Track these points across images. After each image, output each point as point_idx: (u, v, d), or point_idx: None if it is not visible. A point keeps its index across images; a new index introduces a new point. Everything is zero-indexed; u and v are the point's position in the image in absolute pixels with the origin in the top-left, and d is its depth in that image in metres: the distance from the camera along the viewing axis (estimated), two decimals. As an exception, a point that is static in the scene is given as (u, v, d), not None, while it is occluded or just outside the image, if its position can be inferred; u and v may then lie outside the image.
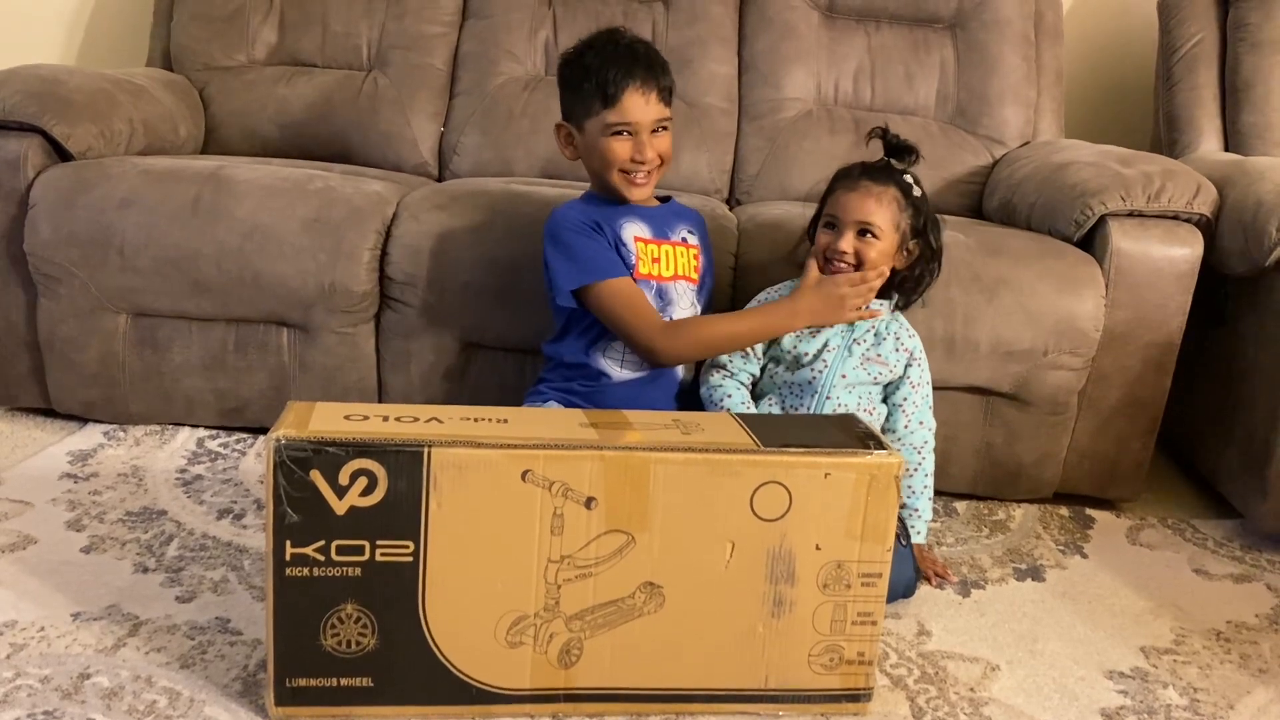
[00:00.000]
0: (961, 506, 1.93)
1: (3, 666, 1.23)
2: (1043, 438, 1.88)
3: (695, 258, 1.66)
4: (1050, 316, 1.79)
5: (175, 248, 1.83)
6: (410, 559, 1.14)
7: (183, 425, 1.98)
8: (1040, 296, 1.79)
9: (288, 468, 1.10)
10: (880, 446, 1.22)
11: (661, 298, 1.61)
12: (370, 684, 1.17)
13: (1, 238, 1.88)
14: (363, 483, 1.11)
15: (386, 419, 1.17)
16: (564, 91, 1.61)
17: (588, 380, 1.61)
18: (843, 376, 1.58)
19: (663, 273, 1.61)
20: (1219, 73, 2.36)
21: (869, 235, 1.56)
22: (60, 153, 1.92)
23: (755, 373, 1.63)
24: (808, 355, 1.59)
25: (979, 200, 2.35)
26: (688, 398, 1.68)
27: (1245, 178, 1.88)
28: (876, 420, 1.62)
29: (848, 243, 1.56)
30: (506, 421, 1.20)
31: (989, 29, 2.40)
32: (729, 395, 1.60)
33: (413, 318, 1.87)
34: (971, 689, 1.35)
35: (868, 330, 1.61)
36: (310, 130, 2.37)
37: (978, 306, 1.79)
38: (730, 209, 2.16)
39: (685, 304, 1.63)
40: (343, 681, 1.17)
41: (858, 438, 1.24)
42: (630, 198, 1.59)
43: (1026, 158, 2.24)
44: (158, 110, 2.19)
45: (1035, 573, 1.70)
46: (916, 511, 1.61)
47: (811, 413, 1.58)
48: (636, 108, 1.53)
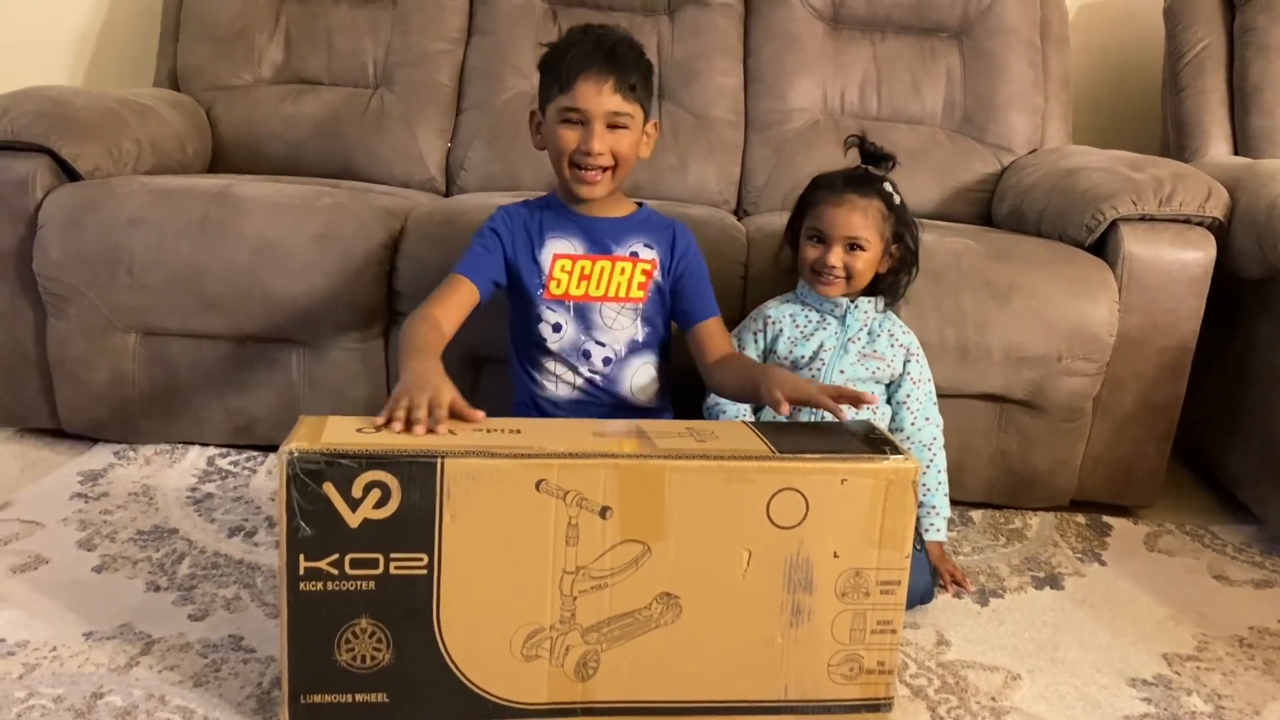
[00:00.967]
0: (977, 515, 1.92)
1: (16, 686, 1.22)
2: (1058, 445, 1.87)
3: (646, 273, 1.56)
4: (1063, 322, 1.78)
5: (184, 266, 1.83)
6: (424, 571, 1.13)
7: (193, 444, 1.97)
8: (1053, 302, 1.78)
9: (300, 480, 1.09)
10: (896, 451, 1.20)
11: (581, 320, 1.54)
12: (385, 699, 1.16)
13: (11, 259, 1.88)
14: (376, 495, 1.10)
15: (399, 431, 1.16)
16: (539, 77, 1.55)
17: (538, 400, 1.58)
18: (840, 373, 1.59)
19: (590, 291, 1.53)
20: (1227, 77, 2.36)
21: (857, 249, 1.58)
22: (69, 173, 1.92)
23: None
24: (804, 358, 1.61)
25: (988, 208, 2.34)
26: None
27: (1257, 180, 1.87)
28: (883, 419, 1.62)
29: (837, 257, 1.58)
30: (519, 432, 1.19)
31: (995, 36, 2.40)
32: (724, 412, 1.63)
33: (422, 332, 1.86)
34: (993, 698, 1.34)
35: (861, 329, 1.62)
36: (317, 148, 2.37)
37: (990, 313, 1.78)
38: (739, 219, 2.15)
39: (618, 326, 1.55)
40: (358, 697, 1.16)
41: (874, 443, 1.23)
42: (579, 194, 1.51)
43: (1035, 164, 2.24)
44: (165, 130, 2.20)
45: (1054, 581, 1.68)
46: (934, 509, 1.60)
47: (810, 419, 1.57)
48: (588, 95, 1.45)
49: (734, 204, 2.39)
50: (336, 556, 1.11)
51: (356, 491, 1.10)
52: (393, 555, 1.12)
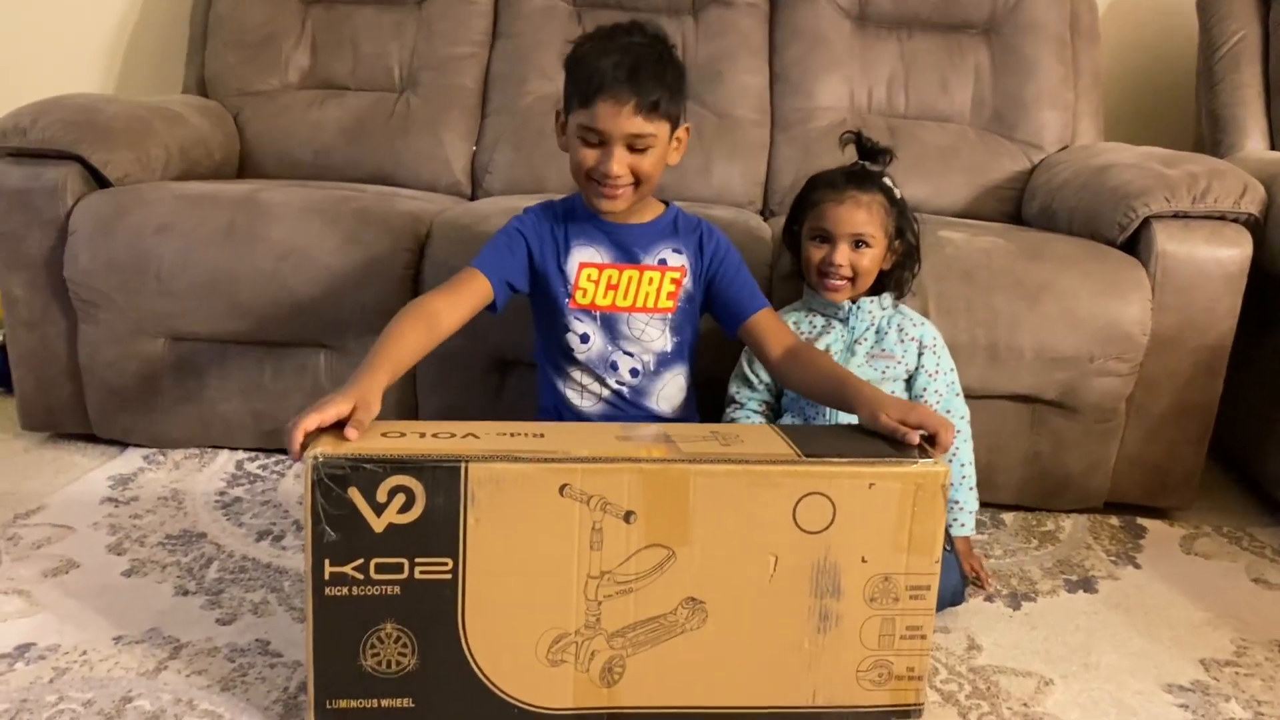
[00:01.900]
0: (1009, 518, 1.89)
1: (46, 690, 1.23)
2: (1091, 446, 1.84)
3: (675, 282, 1.51)
4: (1095, 321, 1.75)
5: (212, 271, 1.84)
6: (449, 576, 1.13)
7: (221, 448, 1.99)
8: (1084, 301, 1.76)
9: (326, 485, 1.09)
10: (925, 455, 1.19)
11: (609, 330, 1.51)
12: (411, 705, 1.16)
13: (43, 266, 1.90)
14: (401, 499, 1.10)
15: (423, 435, 1.16)
16: (565, 76, 1.47)
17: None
18: None
19: (618, 301, 1.50)
20: (1262, 70, 2.31)
21: (863, 246, 1.56)
22: (98, 179, 1.94)
23: (766, 399, 1.62)
24: None
25: (1018, 206, 2.31)
26: None
27: (1294, 175, 1.84)
28: None
29: (843, 255, 1.56)
30: (543, 436, 1.19)
31: (1024, 32, 2.37)
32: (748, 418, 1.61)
33: (448, 337, 1.86)
34: (1025, 704, 1.31)
35: (868, 328, 1.59)
36: (343, 152, 2.38)
37: (1020, 313, 1.75)
38: (765, 220, 2.14)
39: (646, 337, 1.51)
40: (383, 703, 1.15)
41: (902, 447, 1.22)
42: (598, 208, 1.46)
43: (1066, 162, 2.21)
44: (193, 136, 2.21)
45: (1087, 584, 1.66)
46: (958, 503, 1.58)
47: (828, 422, 1.55)
48: (607, 117, 1.38)
49: (760, 205, 2.38)
50: (361, 561, 1.11)
51: (381, 496, 1.10)
52: (417, 560, 1.12)
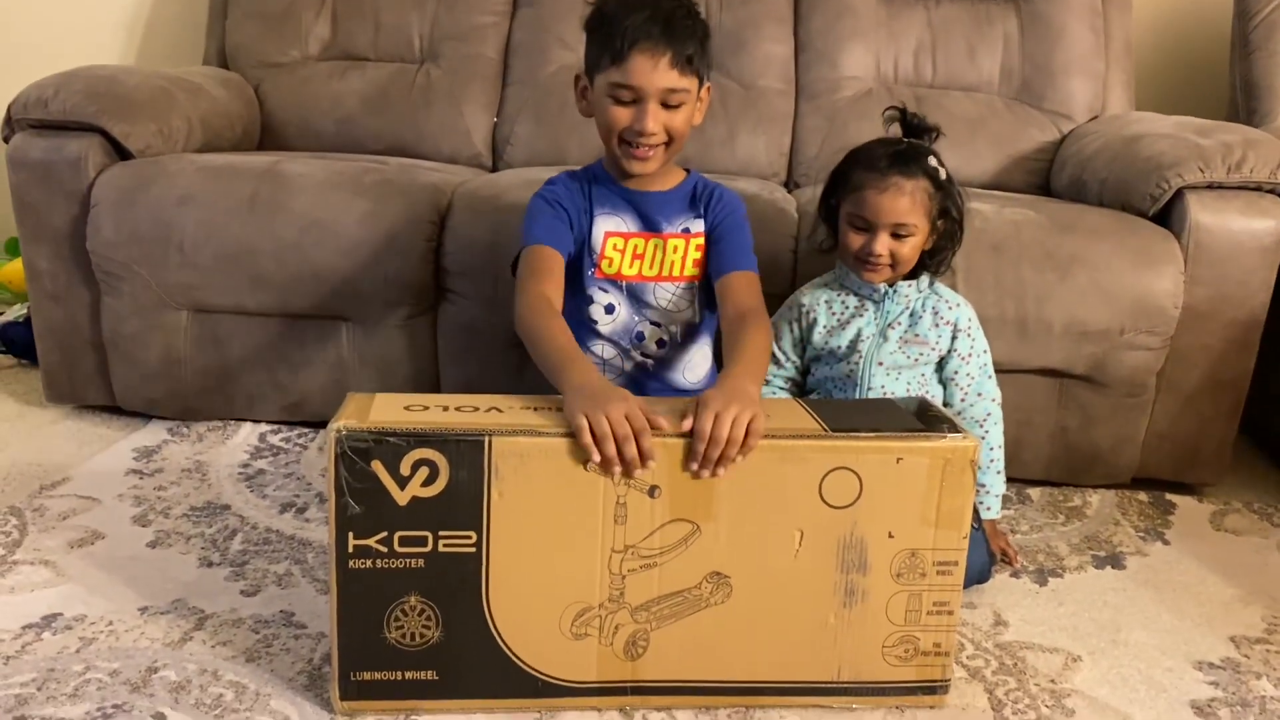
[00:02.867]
0: (1036, 493, 1.87)
1: (73, 660, 1.24)
2: (1120, 421, 1.82)
3: (700, 248, 1.49)
4: (1127, 294, 1.73)
5: (234, 243, 1.84)
6: (473, 549, 1.12)
7: (244, 420, 1.99)
8: (1115, 274, 1.73)
9: (349, 458, 1.08)
10: (955, 430, 1.17)
11: (634, 300, 1.49)
12: (435, 677, 1.16)
13: (66, 238, 1.90)
14: (424, 473, 1.09)
15: (446, 409, 1.15)
16: (586, 39, 1.44)
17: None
18: (879, 364, 1.53)
19: (644, 271, 1.48)
20: (1299, 38, 2.26)
21: (904, 235, 1.49)
22: (120, 151, 1.93)
23: (793, 376, 1.60)
24: (841, 348, 1.55)
25: (1047, 177, 2.28)
26: None
27: (1332, 145, 1.79)
28: (936, 401, 1.57)
29: (883, 245, 1.49)
30: (567, 409, 1.18)
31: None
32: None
33: (470, 309, 1.86)
34: (1052, 680, 1.30)
35: (902, 311, 1.55)
36: (364, 124, 2.37)
37: (1050, 286, 1.73)
38: (789, 192, 2.11)
39: (674, 307, 1.50)
40: (407, 675, 1.15)
41: (930, 421, 1.20)
42: (630, 170, 1.43)
43: (1096, 132, 2.17)
44: (214, 107, 2.20)
45: (1115, 560, 1.64)
46: (984, 487, 1.55)
47: (863, 392, 1.53)
48: (642, 71, 1.34)
49: (784, 176, 2.35)
50: (385, 534, 1.11)
51: (405, 469, 1.09)
52: (441, 533, 1.12)
